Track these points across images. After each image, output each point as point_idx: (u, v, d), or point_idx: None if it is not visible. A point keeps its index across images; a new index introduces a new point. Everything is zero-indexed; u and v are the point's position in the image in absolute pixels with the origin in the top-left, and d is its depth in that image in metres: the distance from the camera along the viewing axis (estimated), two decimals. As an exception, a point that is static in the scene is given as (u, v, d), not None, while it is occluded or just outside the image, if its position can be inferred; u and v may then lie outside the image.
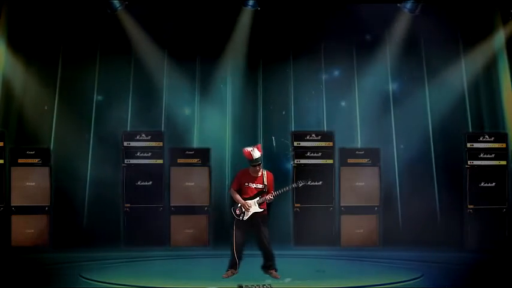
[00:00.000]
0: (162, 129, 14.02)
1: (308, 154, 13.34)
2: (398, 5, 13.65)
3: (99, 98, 14.31)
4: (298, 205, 13.23)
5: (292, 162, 13.36)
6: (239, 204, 10.00)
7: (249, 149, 9.94)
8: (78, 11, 13.61)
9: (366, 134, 14.26)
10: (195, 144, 14.24)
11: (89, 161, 14.11)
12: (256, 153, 9.90)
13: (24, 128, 13.97)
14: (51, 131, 14.08)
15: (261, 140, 14.14)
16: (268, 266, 10.12)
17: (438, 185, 14.07)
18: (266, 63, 14.50)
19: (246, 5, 13.81)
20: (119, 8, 13.64)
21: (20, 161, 13.24)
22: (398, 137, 14.28)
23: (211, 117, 14.43)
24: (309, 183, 10.42)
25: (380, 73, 14.27)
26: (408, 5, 13.58)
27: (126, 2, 13.61)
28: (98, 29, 13.93)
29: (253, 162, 9.92)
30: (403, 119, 14.24)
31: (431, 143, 14.19)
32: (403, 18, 13.82)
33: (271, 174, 10.14)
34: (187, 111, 14.51)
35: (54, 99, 14.16)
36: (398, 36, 13.99)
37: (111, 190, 13.49)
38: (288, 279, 9.97)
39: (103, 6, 13.55)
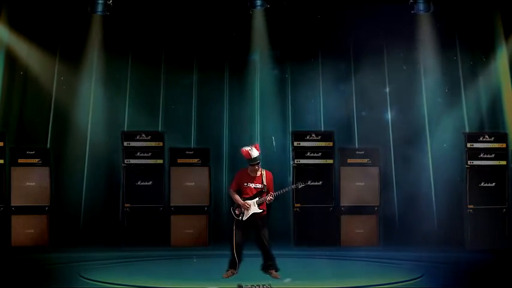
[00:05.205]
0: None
1: (308, 154, 13.35)
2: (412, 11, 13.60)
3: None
4: (298, 205, 13.23)
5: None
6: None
7: (247, 148, 9.90)
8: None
9: (396, 133, 14.23)
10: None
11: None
12: (255, 152, 9.86)
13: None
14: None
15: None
16: (268, 266, 10.10)
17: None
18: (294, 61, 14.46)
19: (254, 6, 13.65)
20: (99, 12, 13.51)
21: (20, 161, 13.25)
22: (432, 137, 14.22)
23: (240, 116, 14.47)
24: (308, 183, 10.42)
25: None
26: (420, 6, 13.52)
27: (108, 13, 13.49)
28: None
29: (251, 161, 9.89)
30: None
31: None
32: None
33: (270, 174, 10.11)
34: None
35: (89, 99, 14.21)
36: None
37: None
38: (288, 279, 9.97)
39: (84, 5, 13.42)
